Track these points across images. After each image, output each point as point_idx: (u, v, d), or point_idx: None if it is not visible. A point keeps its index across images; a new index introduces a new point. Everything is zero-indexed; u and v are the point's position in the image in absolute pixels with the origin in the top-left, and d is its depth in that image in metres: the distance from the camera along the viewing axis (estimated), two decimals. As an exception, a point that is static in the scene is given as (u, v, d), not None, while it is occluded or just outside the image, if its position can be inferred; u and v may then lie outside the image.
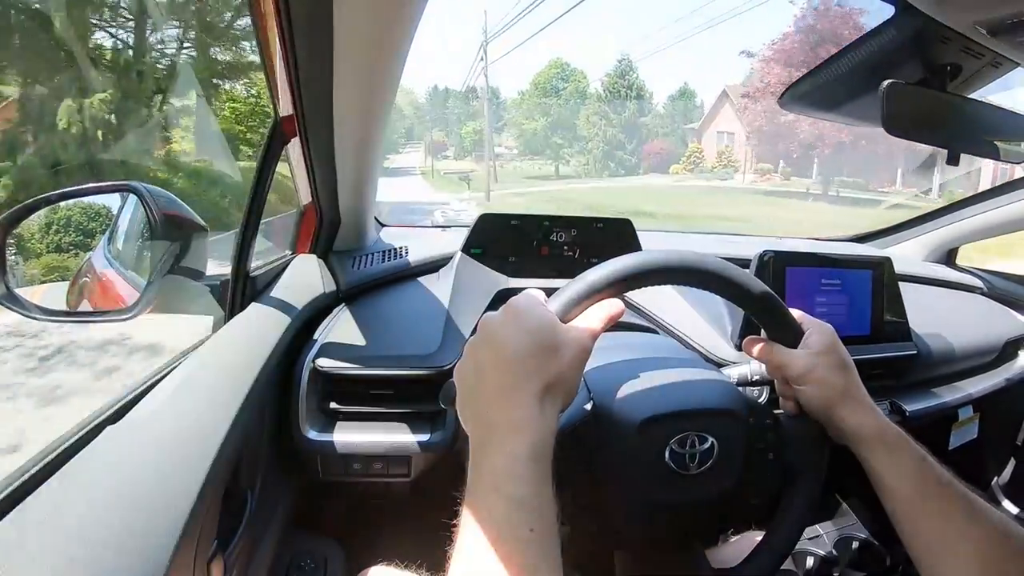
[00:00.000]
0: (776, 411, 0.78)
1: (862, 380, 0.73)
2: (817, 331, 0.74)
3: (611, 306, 0.64)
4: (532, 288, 0.66)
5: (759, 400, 0.81)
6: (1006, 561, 0.60)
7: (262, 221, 1.00)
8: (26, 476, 0.61)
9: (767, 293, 0.71)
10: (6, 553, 0.48)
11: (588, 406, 0.71)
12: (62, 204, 0.97)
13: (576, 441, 0.68)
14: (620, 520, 0.69)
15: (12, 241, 0.93)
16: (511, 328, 0.59)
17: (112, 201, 1.08)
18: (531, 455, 0.53)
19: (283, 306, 1.05)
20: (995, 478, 1.89)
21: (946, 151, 0.85)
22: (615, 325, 0.64)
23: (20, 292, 0.88)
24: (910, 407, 1.33)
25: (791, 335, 0.73)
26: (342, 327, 1.13)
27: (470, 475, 0.55)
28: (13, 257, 0.97)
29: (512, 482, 0.52)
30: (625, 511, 0.69)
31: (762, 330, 0.76)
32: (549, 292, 0.66)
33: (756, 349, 0.77)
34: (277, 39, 0.79)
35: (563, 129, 44.14)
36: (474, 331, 1.12)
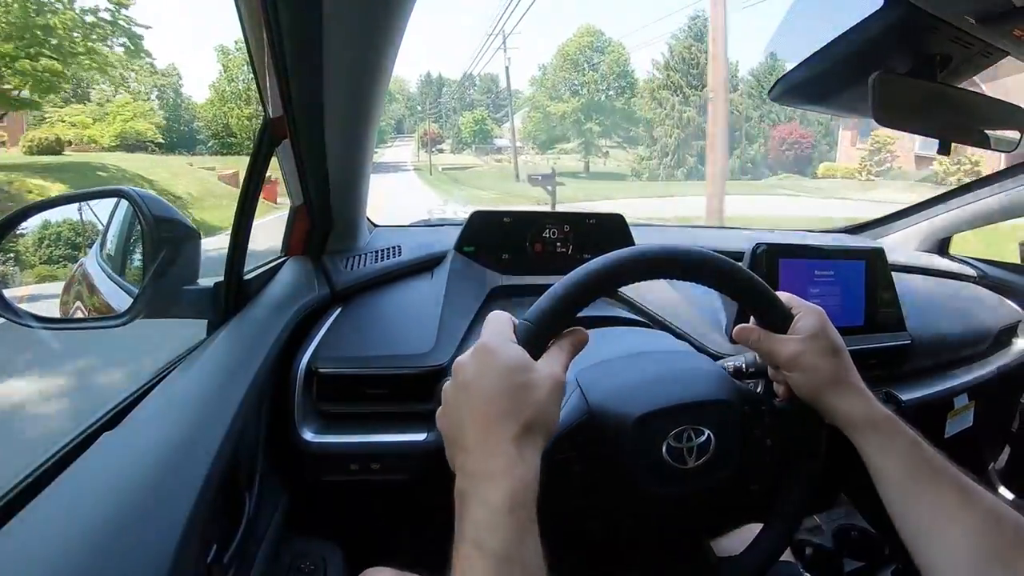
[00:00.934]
0: (771, 398, 0.78)
1: (857, 370, 0.73)
2: (807, 315, 0.73)
3: (575, 335, 0.65)
4: (499, 312, 0.65)
5: (756, 390, 0.82)
6: (999, 545, 0.60)
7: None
8: (24, 485, 0.61)
9: (751, 278, 0.71)
10: (6, 563, 0.47)
11: (582, 407, 0.71)
12: (52, 220, 0.96)
13: (573, 441, 0.68)
14: (621, 517, 0.70)
15: (11, 256, 0.93)
16: (482, 373, 0.58)
17: (104, 207, 1.07)
18: (511, 506, 0.52)
19: (277, 308, 1.05)
20: (991, 465, 1.90)
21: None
22: (609, 320, 0.64)
23: (8, 294, 0.87)
24: (905, 396, 1.33)
25: (780, 320, 0.73)
26: (336, 328, 1.13)
27: (456, 526, 0.54)
28: (13, 268, 0.97)
29: (492, 535, 0.51)
30: (626, 508, 0.69)
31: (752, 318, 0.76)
32: (542, 289, 0.65)
33: (745, 336, 0.76)
34: (266, 39, 0.79)
35: (600, 113, 35.30)
36: (467, 333, 1.12)
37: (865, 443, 0.68)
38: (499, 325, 0.63)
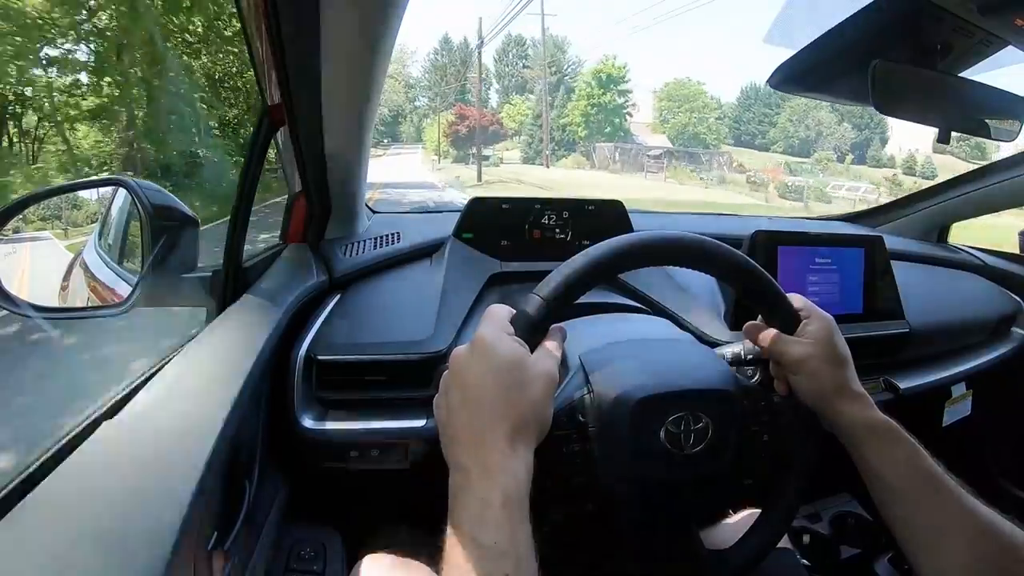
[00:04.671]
0: (770, 393, 0.78)
1: (855, 358, 0.74)
2: (816, 320, 0.73)
3: (561, 330, 0.66)
4: (497, 305, 0.66)
5: (752, 379, 0.82)
6: (995, 554, 0.61)
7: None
8: (24, 475, 0.61)
9: (765, 276, 0.72)
10: (6, 553, 0.48)
11: (585, 386, 0.71)
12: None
13: (573, 420, 0.68)
14: (616, 499, 0.70)
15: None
16: (478, 367, 0.59)
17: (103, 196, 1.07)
18: (505, 500, 0.53)
19: (275, 296, 1.04)
20: (994, 465, 1.90)
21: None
22: (610, 307, 0.65)
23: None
24: (903, 384, 1.34)
25: (787, 322, 0.74)
26: (335, 315, 1.13)
27: (449, 517, 0.55)
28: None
29: (486, 529, 0.52)
30: (621, 490, 0.70)
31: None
32: (541, 275, 0.66)
33: (754, 333, 0.77)
34: (264, 26, 0.79)
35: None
36: (466, 319, 1.12)
37: (866, 449, 0.69)
38: (497, 318, 0.63)
